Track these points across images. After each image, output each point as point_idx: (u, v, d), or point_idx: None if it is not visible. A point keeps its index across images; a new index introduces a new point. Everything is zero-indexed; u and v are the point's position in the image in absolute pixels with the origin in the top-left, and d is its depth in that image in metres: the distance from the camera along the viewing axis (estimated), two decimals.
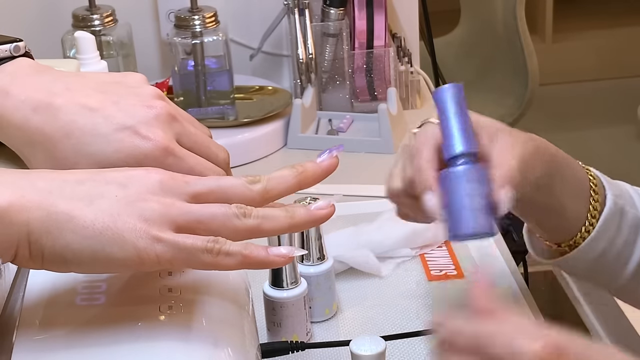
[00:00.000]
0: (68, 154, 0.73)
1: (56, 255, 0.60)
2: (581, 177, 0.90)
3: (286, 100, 1.46)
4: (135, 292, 0.67)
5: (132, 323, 0.63)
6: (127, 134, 0.74)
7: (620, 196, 0.91)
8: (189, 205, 0.63)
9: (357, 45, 1.48)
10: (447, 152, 0.82)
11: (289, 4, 1.44)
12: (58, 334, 0.62)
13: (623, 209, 0.91)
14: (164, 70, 1.59)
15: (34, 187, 0.61)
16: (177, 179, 0.64)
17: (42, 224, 0.60)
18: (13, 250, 0.60)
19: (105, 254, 0.60)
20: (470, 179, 0.80)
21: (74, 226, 0.60)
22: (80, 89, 0.76)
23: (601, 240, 0.90)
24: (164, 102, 0.76)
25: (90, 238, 0.60)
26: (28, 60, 0.79)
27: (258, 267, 0.63)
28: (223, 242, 0.61)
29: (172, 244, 0.60)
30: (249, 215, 0.63)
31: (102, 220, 0.60)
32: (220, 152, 0.79)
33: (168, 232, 0.61)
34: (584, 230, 0.89)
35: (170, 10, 1.44)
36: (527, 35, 2.30)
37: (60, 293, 0.66)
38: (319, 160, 0.67)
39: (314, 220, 0.67)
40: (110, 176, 0.64)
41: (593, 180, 0.90)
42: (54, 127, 0.74)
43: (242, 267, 0.62)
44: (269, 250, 0.62)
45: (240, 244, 0.62)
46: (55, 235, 0.60)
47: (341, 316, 1.01)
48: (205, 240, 0.61)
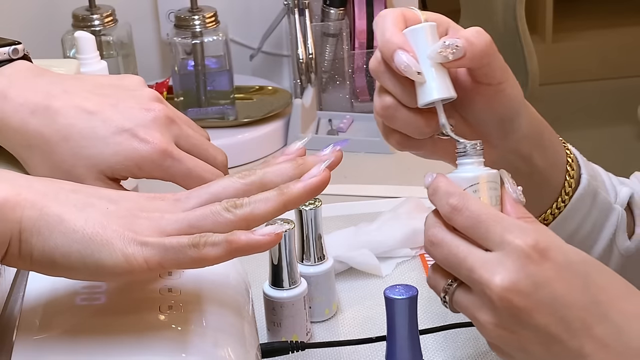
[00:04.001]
0: (66, 156, 0.73)
1: (45, 256, 0.60)
2: (560, 149, 0.88)
3: (286, 100, 1.46)
4: (135, 292, 0.67)
5: (132, 323, 0.63)
6: (125, 136, 0.74)
7: (595, 177, 0.90)
8: (177, 214, 0.63)
9: (357, 45, 1.48)
10: None
11: (289, 4, 1.44)
12: (58, 334, 0.62)
13: (596, 191, 0.89)
14: (164, 70, 1.59)
15: (31, 188, 0.61)
16: (166, 199, 0.64)
17: (33, 224, 0.60)
18: (4, 248, 0.60)
19: (94, 259, 0.60)
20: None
21: (64, 229, 0.60)
22: (78, 91, 0.76)
23: (572, 220, 0.88)
24: (162, 105, 0.76)
25: (80, 242, 0.60)
26: (26, 63, 0.79)
27: (246, 251, 0.61)
28: (209, 235, 0.61)
29: (158, 246, 0.60)
30: (239, 205, 0.62)
31: (93, 226, 0.60)
32: (218, 155, 0.79)
33: (154, 237, 0.61)
34: (555, 207, 0.87)
35: (170, 10, 1.44)
36: (527, 35, 2.31)
37: (60, 293, 0.66)
38: (322, 154, 0.66)
39: (309, 190, 0.64)
40: (104, 192, 0.64)
41: (570, 156, 0.89)
42: (52, 130, 0.74)
43: (231, 255, 0.61)
44: (254, 232, 0.61)
45: (226, 234, 0.61)
46: (46, 236, 0.60)
47: (341, 316, 1.01)
48: (192, 237, 0.61)
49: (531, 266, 0.64)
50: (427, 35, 0.72)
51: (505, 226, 0.65)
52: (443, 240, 0.67)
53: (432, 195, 0.69)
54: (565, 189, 0.87)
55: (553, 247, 0.65)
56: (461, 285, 0.67)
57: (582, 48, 3.50)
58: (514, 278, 0.63)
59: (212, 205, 0.63)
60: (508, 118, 0.75)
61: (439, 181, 0.69)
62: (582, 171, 0.89)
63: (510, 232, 0.65)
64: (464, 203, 0.67)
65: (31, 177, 0.64)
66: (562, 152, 0.88)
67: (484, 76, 0.75)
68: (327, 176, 0.65)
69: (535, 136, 0.83)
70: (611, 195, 0.92)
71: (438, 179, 0.69)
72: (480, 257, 0.65)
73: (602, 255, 0.91)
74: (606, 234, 0.91)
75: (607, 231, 0.91)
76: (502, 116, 0.76)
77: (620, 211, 0.92)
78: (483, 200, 0.69)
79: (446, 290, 0.68)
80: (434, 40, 0.72)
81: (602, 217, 0.91)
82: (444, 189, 0.68)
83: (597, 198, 0.89)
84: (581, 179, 0.88)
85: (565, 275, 0.64)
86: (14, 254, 0.60)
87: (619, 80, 3.26)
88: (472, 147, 0.71)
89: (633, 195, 0.94)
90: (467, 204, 0.66)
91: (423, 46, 0.71)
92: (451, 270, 0.67)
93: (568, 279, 0.64)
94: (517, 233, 0.64)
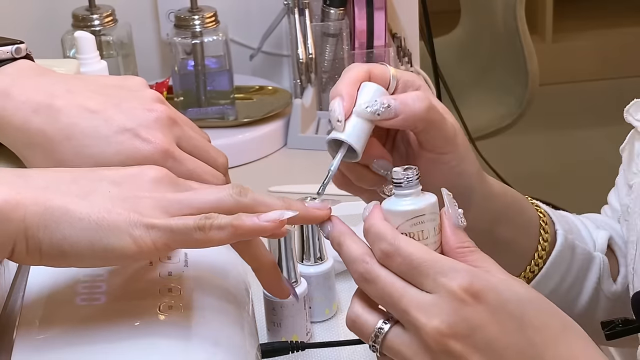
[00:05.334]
0: (68, 155, 0.74)
1: (54, 248, 0.60)
2: (530, 215, 0.87)
3: (286, 100, 1.46)
4: (135, 292, 0.67)
5: (132, 323, 0.63)
6: (127, 136, 0.74)
7: (570, 231, 0.90)
8: (179, 194, 0.64)
9: (357, 45, 1.48)
10: None
11: (289, 4, 1.44)
12: (58, 334, 0.62)
13: (574, 244, 0.89)
14: (164, 70, 1.59)
15: (29, 184, 0.62)
16: (171, 177, 0.66)
17: (39, 219, 0.60)
18: (10, 247, 0.60)
19: (102, 245, 0.60)
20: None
21: (70, 219, 0.60)
22: (81, 91, 0.76)
23: (552, 278, 0.88)
24: (164, 106, 0.77)
25: (87, 230, 0.60)
26: (29, 62, 0.79)
27: (250, 235, 0.63)
28: (215, 216, 0.62)
29: (164, 228, 0.61)
30: (244, 194, 0.64)
31: (98, 212, 0.61)
32: (219, 157, 0.79)
33: (160, 218, 0.61)
34: (529, 271, 0.87)
35: (170, 10, 1.44)
36: (527, 35, 2.30)
37: (60, 293, 0.66)
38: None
39: (308, 217, 0.68)
40: (104, 174, 0.64)
41: (543, 218, 0.88)
42: (54, 128, 0.74)
43: (235, 238, 0.63)
44: (259, 217, 0.62)
45: (231, 216, 0.62)
46: (53, 229, 0.60)
47: (341, 316, 1.01)
48: (197, 218, 0.62)
49: (466, 309, 0.62)
50: (371, 93, 0.72)
51: (438, 269, 0.63)
52: (378, 277, 0.65)
53: (365, 234, 0.67)
54: (539, 252, 0.87)
55: (487, 288, 0.63)
56: (396, 324, 0.65)
57: (582, 48, 3.50)
58: (450, 321, 0.62)
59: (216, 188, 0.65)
60: (459, 193, 0.71)
61: (372, 220, 0.67)
62: (557, 227, 0.89)
63: (444, 275, 0.63)
64: (395, 249, 0.64)
65: (27, 172, 0.64)
66: (533, 217, 0.87)
67: (424, 142, 0.75)
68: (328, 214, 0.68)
69: (495, 212, 0.82)
70: (589, 244, 0.92)
71: (371, 217, 0.67)
72: (416, 298, 0.63)
73: (589, 304, 0.91)
74: (590, 284, 0.91)
75: (591, 281, 0.91)
76: (453, 189, 0.71)
77: (601, 258, 0.92)
78: (423, 233, 0.66)
79: (377, 335, 0.65)
80: (377, 98, 0.72)
81: (583, 268, 0.91)
82: (375, 231, 0.66)
83: (576, 251, 0.90)
84: (557, 236, 0.88)
85: (500, 317, 0.63)
86: (22, 251, 0.60)
87: (619, 80, 3.26)
88: (407, 179, 0.67)
89: (612, 237, 0.94)
90: (398, 250, 0.64)
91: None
92: (385, 307, 0.66)
93: (502, 321, 0.63)
94: (451, 275, 0.63)
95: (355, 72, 0.74)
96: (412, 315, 0.63)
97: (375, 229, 0.66)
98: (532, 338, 0.63)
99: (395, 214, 0.66)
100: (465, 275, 0.63)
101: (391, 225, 0.66)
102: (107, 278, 0.67)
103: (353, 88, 0.73)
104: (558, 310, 0.66)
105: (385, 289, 0.65)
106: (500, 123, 2.35)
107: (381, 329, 0.65)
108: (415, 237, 0.66)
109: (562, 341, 0.64)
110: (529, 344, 0.63)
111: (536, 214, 0.88)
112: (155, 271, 0.68)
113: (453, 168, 0.76)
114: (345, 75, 0.74)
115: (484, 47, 2.52)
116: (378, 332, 0.65)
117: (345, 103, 0.71)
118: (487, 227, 0.80)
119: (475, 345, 0.62)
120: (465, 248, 0.66)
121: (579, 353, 0.64)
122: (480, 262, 0.65)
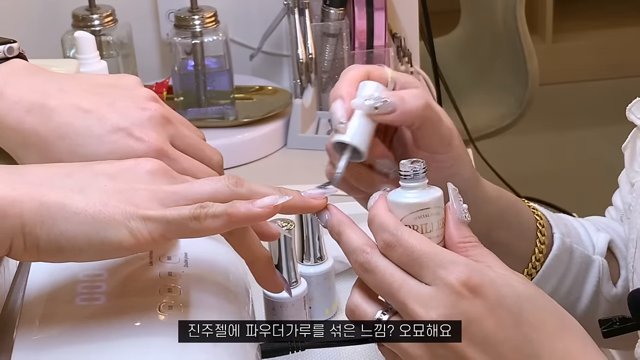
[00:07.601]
0: (62, 155, 0.73)
1: (51, 244, 0.60)
2: (527, 219, 0.87)
3: (286, 100, 1.46)
4: (135, 292, 0.67)
5: (132, 323, 0.63)
6: (121, 135, 0.74)
7: (568, 234, 0.90)
8: (175, 185, 0.64)
9: (357, 45, 1.48)
10: None
11: (289, 4, 1.44)
12: (58, 333, 0.62)
13: (572, 247, 0.89)
14: (164, 70, 1.59)
15: (24, 181, 0.62)
16: (166, 169, 0.66)
17: (35, 215, 0.60)
18: (7, 244, 0.60)
19: (99, 238, 0.60)
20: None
21: (67, 213, 0.60)
22: (74, 90, 0.76)
23: (549, 281, 0.88)
24: (158, 105, 0.76)
25: (84, 224, 0.60)
26: (22, 62, 0.79)
27: (246, 222, 0.63)
28: (210, 205, 0.62)
29: (160, 219, 0.61)
30: (240, 184, 0.64)
31: (94, 206, 0.61)
32: (214, 155, 0.79)
33: (155, 209, 0.62)
34: (526, 274, 0.87)
35: (170, 10, 1.44)
36: (527, 35, 2.30)
37: (60, 292, 0.66)
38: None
39: (304, 206, 0.68)
40: (99, 168, 0.65)
41: (540, 221, 0.88)
42: (48, 128, 0.74)
43: (231, 225, 0.63)
44: (253, 203, 0.63)
45: (225, 204, 0.62)
46: (49, 224, 0.60)
47: (341, 316, 1.01)
48: (192, 207, 0.62)
49: (463, 302, 0.62)
50: (371, 89, 0.73)
51: (438, 262, 0.63)
52: (377, 267, 0.65)
53: (368, 224, 0.67)
54: (536, 255, 0.87)
55: (486, 283, 0.63)
56: (395, 315, 0.65)
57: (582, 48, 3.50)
58: (447, 314, 0.62)
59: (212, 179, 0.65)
60: None
61: (376, 210, 0.67)
62: (554, 230, 0.89)
63: (444, 268, 0.63)
64: (397, 240, 0.65)
65: (21, 169, 0.64)
66: (530, 220, 0.87)
67: (420, 140, 0.75)
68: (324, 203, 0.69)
69: (490, 216, 0.82)
70: (588, 248, 0.92)
71: (376, 208, 0.67)
72: (414, 290, 0.64)
73: (589, 307, 0.91)
74: (589, 287, 0.91)
75: (590, 284, 0.91)
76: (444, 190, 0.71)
77: (601, 261, 0.92)
78: (426, 227, 0.66)
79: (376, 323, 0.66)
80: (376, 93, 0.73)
81: (582, 272, 0.90)
82: (379, 221, 0.66)
83: (574, 254, 0.89)
84: (554, 239, 0.88)
85: (497, 312, 0.63)
86: (19, 247, 0.61)
87: (619, 80, 3.26)
88: (414, 172, 0.67)
89: (612, 240, 0.94)
90: (400, 241, 0.65)
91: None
92: (384, 297, 0.66)
93: (499, 316, 0.63)
94: (450, 269, 0.63)
95: (354, 73, 0.74)
96: (410, 307, 0.63)
97: (378, 219, 0.66)
98: (529, 334, 0.63)
99: (400, 206, 0.67)
100: (464, 269, 0.63)
101: (395, 217, 0.66)
102: (107, 278, 0.67)
103: (353, 89, 0.73)
104: (558, 308, 0.66)
105: (384, 279, 0.65)
106: (500, 123, 2.35)
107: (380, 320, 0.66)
108: (418, 229, 0.66)
109: (559, 339, 0.64)
110: (525, 340, 0.63)
111: (533, 217, 0.88)
112: (155, 271, 0.68)
113: (446, 169, 0.76)
114: (345, 77, 0.74)
115: (484, 47, 2.52)
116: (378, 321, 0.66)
117: (346, 104, 0.72)
118: (482, 231, 0.80)
119: (471, 339, 0.62)
120: (468, 243, 0.67)
121: (575, 351, 0.64)
122: (482, 257, 0.66)
